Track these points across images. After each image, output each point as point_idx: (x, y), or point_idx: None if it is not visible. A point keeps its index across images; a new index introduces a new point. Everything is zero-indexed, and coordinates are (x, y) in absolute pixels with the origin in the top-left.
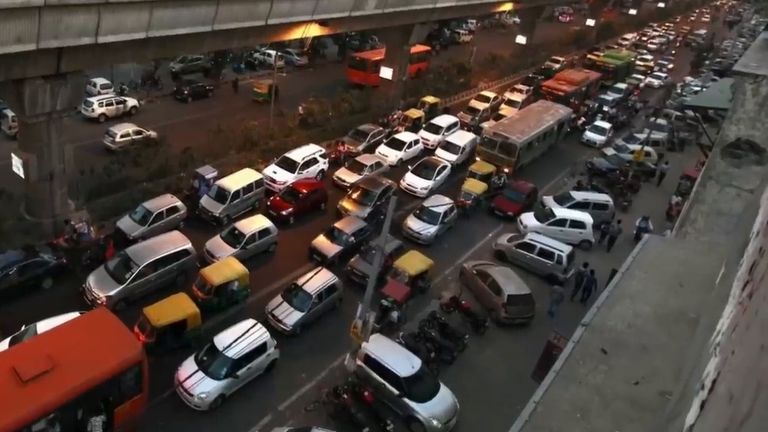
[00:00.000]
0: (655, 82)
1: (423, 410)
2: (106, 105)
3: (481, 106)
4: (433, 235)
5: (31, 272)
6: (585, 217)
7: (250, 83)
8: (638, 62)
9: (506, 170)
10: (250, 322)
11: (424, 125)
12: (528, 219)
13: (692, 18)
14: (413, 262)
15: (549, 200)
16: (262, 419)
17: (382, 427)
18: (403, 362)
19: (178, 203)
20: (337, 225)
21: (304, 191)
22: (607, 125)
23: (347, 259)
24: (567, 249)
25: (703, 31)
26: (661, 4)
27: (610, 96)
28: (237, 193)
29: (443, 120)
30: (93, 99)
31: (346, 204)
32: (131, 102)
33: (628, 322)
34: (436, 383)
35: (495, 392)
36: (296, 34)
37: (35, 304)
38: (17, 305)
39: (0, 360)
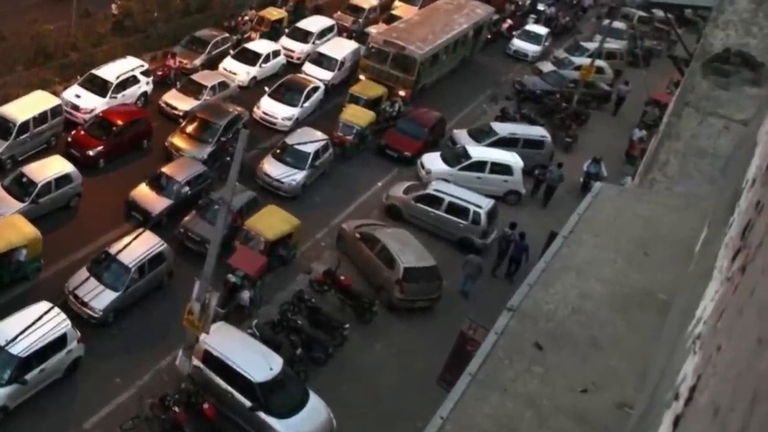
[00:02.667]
0: None
1: (285, 428)
2: None
3: (366, 3)
4: (299, 184)
5: None
6: (512, 158)
7: None
8: None
9: (402, 93)
10: (44, 306)
11: (286, 30)
12: (432, 162)
13: None
14: (272, 222)
15: (462, 135)
16: None
17: None
18: (258, 362)
19: None
20: (166, 170)
21: (120, 123)
22: (543, 30)
23: (180, 217)
24: (487, 203)
25: None
26: None
27: None
28: (25, 126)
29: (313, 23)
30: None
31: (177, 140)
32: None
33: (572, 305)
34: (304, 391)
35: (386, 404)
36: None
37: None
38: None
39: None
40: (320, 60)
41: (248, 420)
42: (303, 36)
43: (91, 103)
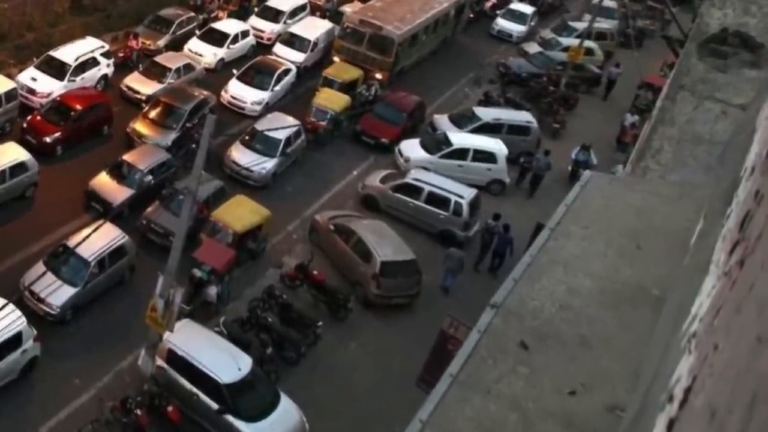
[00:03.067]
0: None
1: None
2: None
3: None
4: (269, 173)
5: None
6: (496, 145)
7: None
8: None
9: (379, 76)
10: None
11: (256, 9)
12: (411, 149)
13: None
14: (240, 213)
15: (443, 121)
16: None
17: None
18: (226, 362)
19: None
20: (127, 158)
21: (79, 107)
22: (528, 9)
23: (142, 208)
24: (469, 193)
25: None
26: None
27: None
28: None
29: (285, 1)
30: None
31: (140, 126)
32: None
33: (560, 302)
34: (275, 393)
35: (362, 406)
36: None
37: None
38: None
39: None
40: (292, 41)
41: (215, 423)
42: (274, 15)
43: (48, 86)
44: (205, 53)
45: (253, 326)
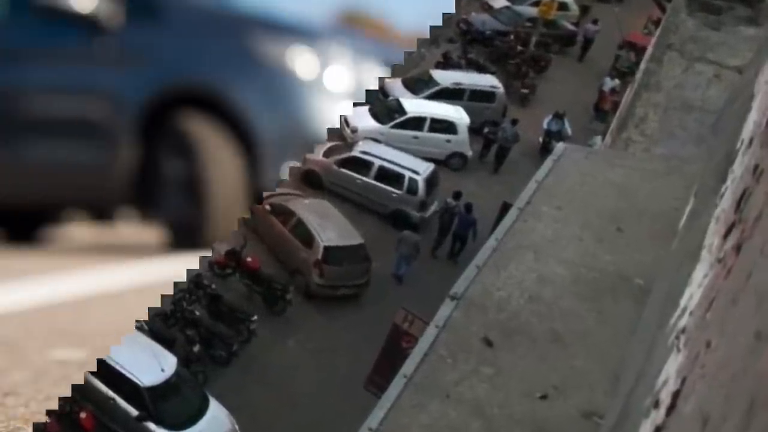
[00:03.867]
0: None
1: None
2: None
3: None
4: None
5: None
6: (456, 114)
7: None
8: None
9: None
10: None
11: None
12: (359, 118)
13: None
14: None
15: (395, 86)
16: None
17: None
18: (147, 362)
19: None
20: None
21: None
22: None
23: None
24: (425, 169)
25: None
26: None
27: None
28: None
29: None
30: None
31: None
32: None
33: (529, 293)
34: (203, 397)
35: (303, 412)
36: None
37: None
38: None
39: None
40: None
41: None
42: None
43: None
44: None
45: (178, 321)
